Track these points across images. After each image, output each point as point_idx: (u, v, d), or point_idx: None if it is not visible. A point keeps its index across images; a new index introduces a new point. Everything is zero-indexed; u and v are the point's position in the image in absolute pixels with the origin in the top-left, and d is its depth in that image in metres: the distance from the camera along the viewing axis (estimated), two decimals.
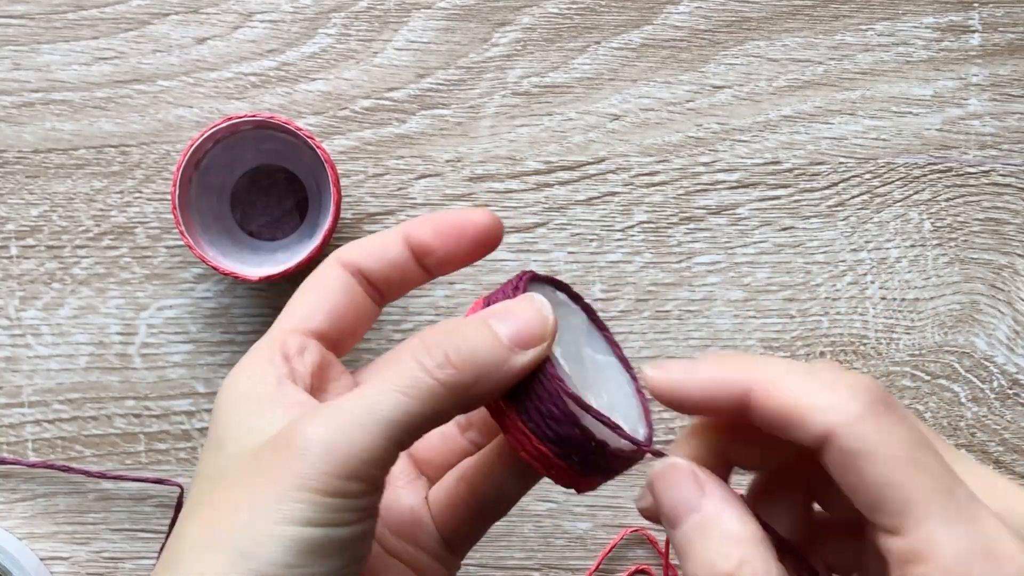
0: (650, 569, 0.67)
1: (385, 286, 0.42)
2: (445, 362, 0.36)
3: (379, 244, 0.42)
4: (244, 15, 0.67)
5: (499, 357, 0.36)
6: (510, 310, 0.37)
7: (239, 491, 0.35)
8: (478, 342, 0.36)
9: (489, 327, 0.37)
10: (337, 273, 0.42)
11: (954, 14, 0.68)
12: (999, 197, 0.68)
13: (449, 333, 0.37)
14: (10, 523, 0.67)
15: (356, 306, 0.42)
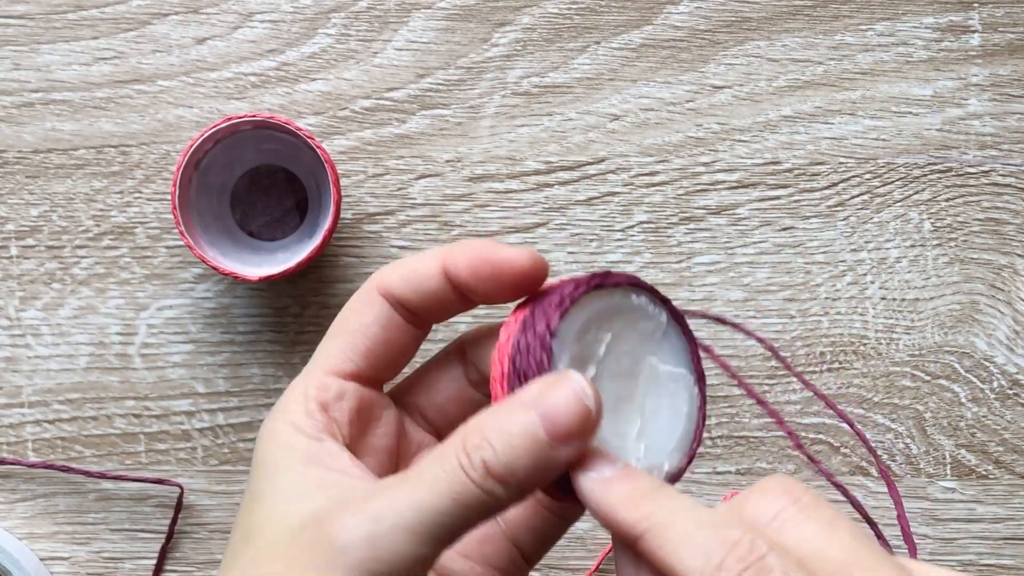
0: None
1: (427, 315, 0.41)
2: (486, 473, 0.35)
3: (419, 273, 0.40)
4: (244, 15, 0.67)
5: (540, 459, 0.35)
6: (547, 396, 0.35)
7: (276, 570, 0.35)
8: (519, 444, 0.35)
9: (529, 423, 0.35)
10: (375, 305, 0.40)
11: (954, 14, 0.68)
12: (999, 197, 0.68)
13: (488, 430, 0.35)
14: (10, 523, 0.67)
15: (396, 339, 0.41)
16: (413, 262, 0.40)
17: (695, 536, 0.33)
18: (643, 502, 0.35)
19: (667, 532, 0.34)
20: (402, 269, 0.40)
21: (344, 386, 0.40)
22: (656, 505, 0.35)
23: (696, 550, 0.33)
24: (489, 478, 0.35)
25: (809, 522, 0.34)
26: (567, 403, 0.35)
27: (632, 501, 0.35)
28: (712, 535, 0.33)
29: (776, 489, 0.35)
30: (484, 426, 0.35)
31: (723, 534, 0.33)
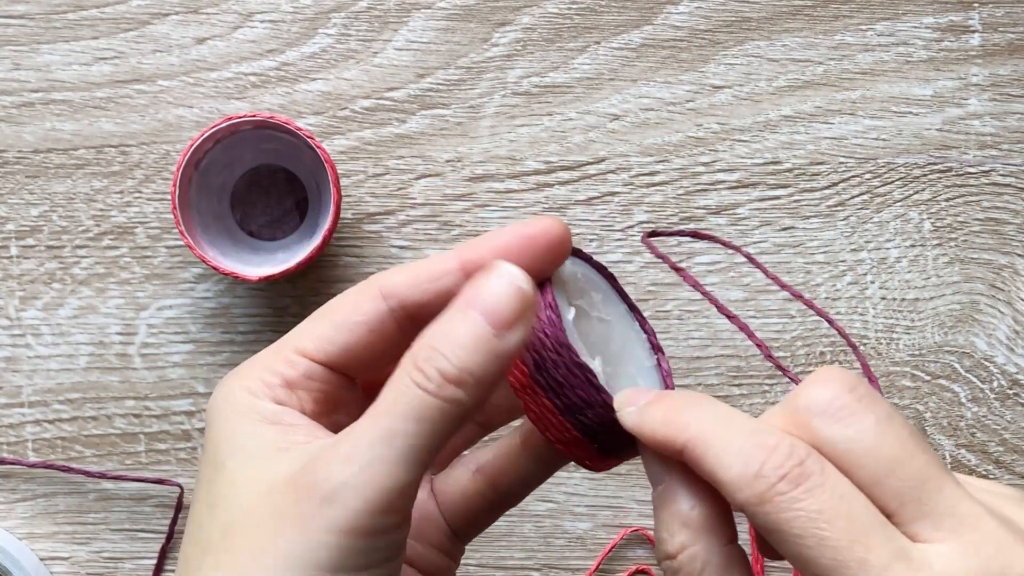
0: (650, 569, 0.67)
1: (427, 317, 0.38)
2: (442, 381, 0.34)
3: (430, 273, 0.39)
4: (244, 15, 0.67)
5: (491, 352, 0.34)
6: (481, 291, 0.35)
7: (263, 538, 0.34)
8: (466, 342, 0.34)
9: (471, 321, 0.35)
10: (371, 305, 0.39)
11: (954, 14, 0.68)
12: (999, 197, 0.68)
13: (435, 342, 0.35)
14: (10, 523, 0.67)
15: (380, 341, 0.39)
16: (423, 263, 0.39)
17: (733, 443, 0.34)
18: (680, 416, 0.35)
19: (706, 442, 0.34)
20: (410, 270, 0.39)
21: (313, 368, 0.38)
22: (693, 417, 0.35)
23: (735, 457, 0.33)
24: (447, 385, 0.34)
25: (866, 413, 0.34)
26: (501, 290, 0.35)
27: (670, 417, 0.35)
28: (750, 442, 0.34)
29: (833, 378, 0.35)
30: (429, 338, 0.35)
31: (761, 440, 0.33)
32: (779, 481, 0.33)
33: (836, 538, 0.32)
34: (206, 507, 0.36)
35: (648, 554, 0.68)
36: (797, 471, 0.33)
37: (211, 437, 0.37)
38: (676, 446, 0.35)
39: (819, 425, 0.34)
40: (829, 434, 0.34)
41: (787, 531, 0.32)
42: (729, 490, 0.33)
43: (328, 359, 0.38)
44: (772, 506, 0.33)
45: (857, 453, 0.34)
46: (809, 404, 0.34)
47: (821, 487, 0.33)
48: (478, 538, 0.44)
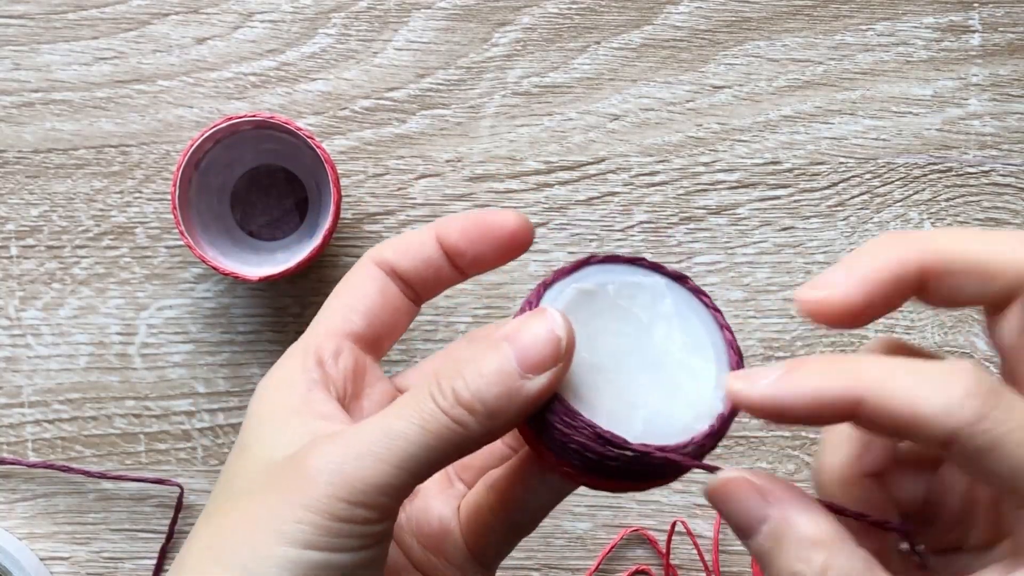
0: (650, 569, 0.67)
1: (421, 285, 0.42)
2: (455, 401, 0.35)
3: (412, 243, 0.41)
4: (244, 15, 0.67)
5: (510, 388, 0.35)
6: (521, 329, 0.35)
7: (249, 506, 0.35)
8: (489, 373, 0.35)
9: (500, 354, 0.35)
10: (371, 272, 0.42)
11: (954, 14, 0.68)
12: (999, 197, 0.68)
13: (461, 364, 0.35)
14: (10, 523, 0.67)
15: (392, 305, 0.42)
16: (407, 235, 0.42)
17: (928, 378, 0.32)
18: (848, 370, 0.32)
19: (895, 383, 0.32)
20: (396, 242, 0.41)
21: (341, 343, 0.41)
22: (865, 367, 0.33)
23: (936, 389, 0.31)
24: (457, 406, 0.35)
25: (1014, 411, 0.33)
26: (539, 334, 0.35)
27: (835, 373, 0.32)
28: (942, 371, 0.32)
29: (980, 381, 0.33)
30: (459, 359, 0.36)
31: (948, 368, 0.32)
32: (989, 397, 0.31)
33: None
34: (225, 481, 0.38)
35: (648, 554, 0.68)
36: (997, 387, 0.32)
37: (244, 426, 0.39)
38: (853, 397, 0.32)
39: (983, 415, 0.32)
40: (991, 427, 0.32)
41: (1009, 442, 0.31)
42: (935, 421, 0.31)
43: (355, 328, 0.41)
44: (990, 421, 0.31)
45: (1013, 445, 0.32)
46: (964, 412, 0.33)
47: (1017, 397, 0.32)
48: None
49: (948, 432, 0.31)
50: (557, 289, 0.38)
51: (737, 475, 0.34)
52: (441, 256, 0.41)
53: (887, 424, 0.32)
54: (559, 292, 0.38)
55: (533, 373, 0.35)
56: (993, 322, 0.35)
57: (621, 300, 0.38)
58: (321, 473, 0.34)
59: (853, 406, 0.32)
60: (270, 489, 0.35)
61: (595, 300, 0.38)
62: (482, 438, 0.35)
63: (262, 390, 0.40)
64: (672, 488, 0.67)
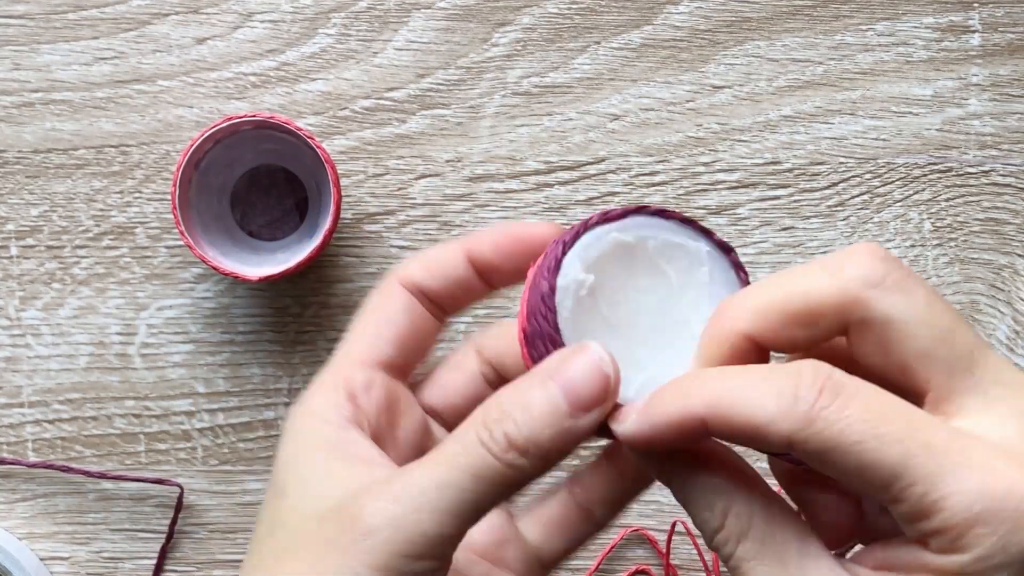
0: (650, 569, 0.67)
1: (449, 303, 0.41)
2: (508, 445, 0.34)
3: (439, 261, 0.41)
4: (244, 15, 0.67)
5: (561, 429, 0.35)
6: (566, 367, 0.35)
7: (306, 562, 0.35)
8: (540, 415, 0.34)
9: (549, 395, 0.35)
10: (398, 294, 0.41)
11: (954, 14, 0.68)
12: (999, 197, 0.68)
13: (508, 406, 0.35)
14: (10, 523, 0.67)
15: (420, 327, 0.41)
16: (433, 252, 0.41)
17: (757, 387, 0.32)
18: (689, 390, 0.33)
19: (728, 397, 0.33)
20: (423, 259, 0.41)
21: (372, 375, 0.40)
22: (703, 385, 0.33)
23: (764, 396, 0.32)
24: (511, 450, 0.34)
25: (916, 285, 0.33)
26: (586, 373, 0.35)
27: (677, 397, 0.33)
28: (772, 378, 0.32)
29: (878, 251, 0.34)
30: (503, 400, 0.35)
31: (782, 372, 0.32)
32: (819, 397, 0.32)
33: (895, 430, 0.31)
34: (267, 530, 0.37)
35: (648, 554, 0.68)
36: (831, 384, 0.32)
37: (278, 462, 0.39)
38: (696, 418, 0.33)
39: (874, 296, 0.33)
40: (885, 305, 0.33)
41: (844, 442, 0.31)
42: (771, 429, 0.32)
43: (385, 357, 0.40)
44: (822, 422, 0.31)
45: (912, 323, 0.33)
46: (862, 274, 0.33)
47: (861, 390, 0.32)
48: None
49: (784, 438, 0.32)
50: (597, 234, 0.37)
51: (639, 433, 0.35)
52: (470, 272, 0.40)
53: (733, 436, 0.33)
54: (597, 238, 0.37)
55: (583, 413, 0.35)
56: None
57: (659, 258, 0.38)
58: (379, 530, 0.34)
59: (699, 425, 0.33)
60: (324, 547, 0.35)
61: (631, 253, 0.37)
62: (534, 477, 0.35)
63: (294, 429, 0.39)
64: None
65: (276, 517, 0.37)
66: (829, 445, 0.31)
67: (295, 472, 0.38)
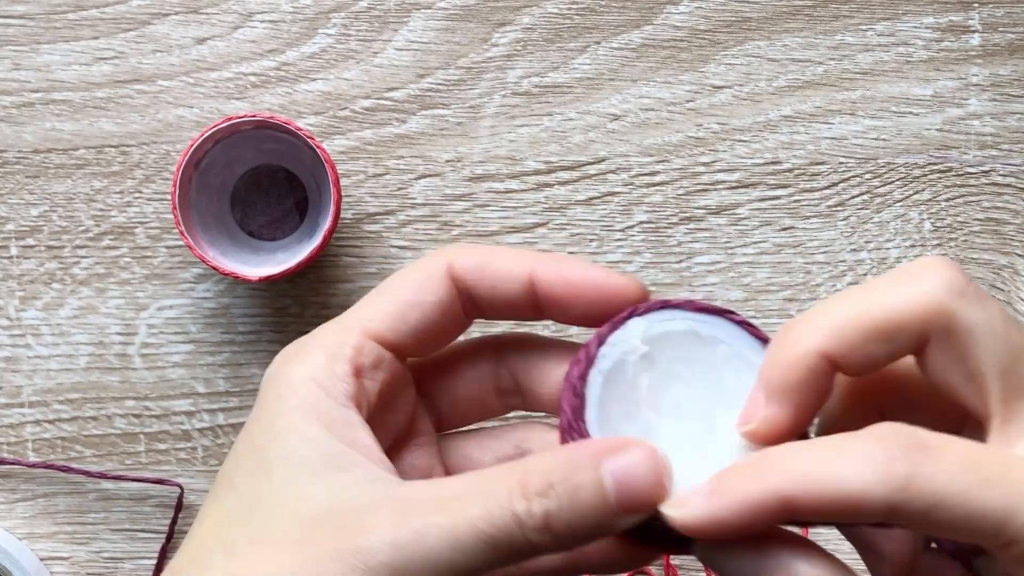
0: (650, 570, 0.67)
1: (488, 311, 0.38)
2: (543, 526, 0.32)
3: (499, 272, 0.37)
4: (244, 15, 0.67)
5: (603, 524, 0.32)
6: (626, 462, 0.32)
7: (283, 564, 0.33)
8: (585, 510, 0.32)
9: (603, 487, 0.32)
10: (441, 284, 0.37)
11: (954, 14, 0.68)
12: (999, 197, 0.68)
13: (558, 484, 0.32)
14: (10, 523, 0.67)
15: (449, 324, 0.38)
16: (496, 257, 0.37)
17: (845, 455, 0.31)
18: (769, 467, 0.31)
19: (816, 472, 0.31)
20: (481, 259, 0.37)
21: (384, 355, 0.37)
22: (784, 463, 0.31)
23: (854, 464, 0.30)
24: (546, 532, 0.32)
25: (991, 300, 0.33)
26: (643, 471, 0.33)
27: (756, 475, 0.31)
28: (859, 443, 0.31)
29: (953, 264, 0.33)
30: (551, 471, 0.32)
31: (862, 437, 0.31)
32: (912, 455, 0.30)
33: (1000, 474, 0.30)
34: (244, 506, 0.35)
35: None
36: (917, 441, 0.31)
37: (263, 428, 0.36)
38: (779, 498, 0.31)
39: (962, 306, 0.32)
40: (971, 315, 0.32)
41: (949, 495, 0.30)
42: (869, 497, 0.30)
43: (400, 341, 0.37)
44: (922, 480, 0.30)
45: (993, 337, 0.32)
46: (947, 284, 0.32)
47: (947, 442, 0.31)
48: None
49: (886, 506, 0.30)
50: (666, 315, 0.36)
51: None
52: (528, 296, 0.37)
53: (827, 516, 0.31)
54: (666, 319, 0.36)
55: (628, 514, 0.32)
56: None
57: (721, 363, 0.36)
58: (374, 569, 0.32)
59: (786, 508, 0.31)
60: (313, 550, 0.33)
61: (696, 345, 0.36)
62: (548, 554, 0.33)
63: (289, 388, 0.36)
64: None
65: (257, 496, 0.35)
66: (934, 500, 0.30)
67: (283, 441, 0.35)
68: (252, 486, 0.35)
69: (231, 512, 0.35)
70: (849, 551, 0.38)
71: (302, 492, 0.34)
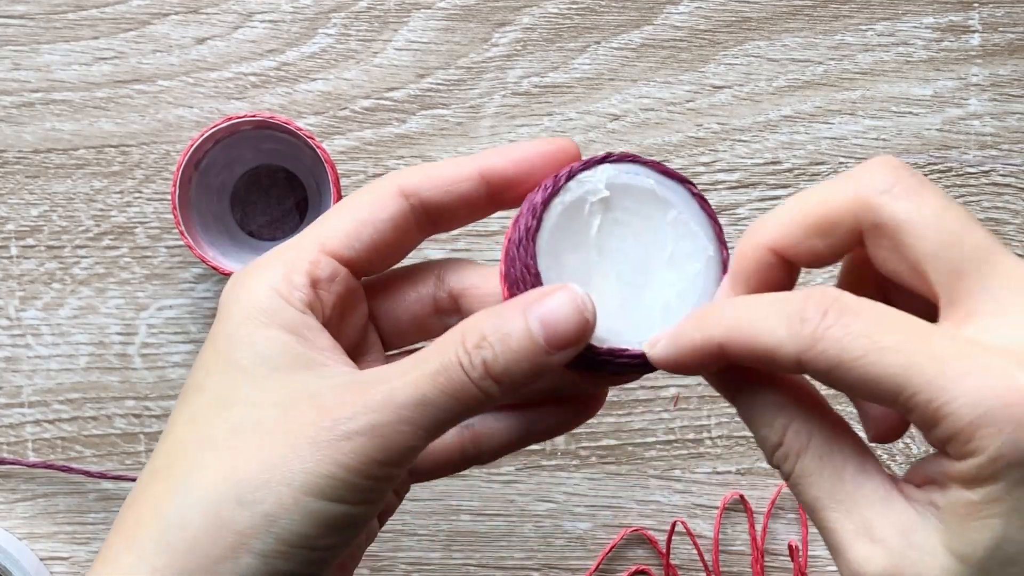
0: (650, 569, 0.67)
1: (444, 217, 0.41)
2: (484, 373, 0.36)
3: (448, 174, 0.40)
4: (244, 15, 0.67)
5: (536, 363, 0.36)
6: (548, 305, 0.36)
7: (270, 448, 0.35)
8: (518, 348, 0.36)
9: (529, 330, 0.36)
10: (392, 202, 0.40)
11: (954, 14, 0.68)
12: (999, 197, 0.68)
13: (488, 332, 0.36)
14: (10, 523, 0.67)
15: (402, 239, 0.40)
16: (441, 166, 0.40)
17: (768, 313, 0.34)
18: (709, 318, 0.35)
19: (741, 324, 0.34)
20: (430, 170, 0.40)
21: (339, 269, 0.39)
22: (721, 313, 0.35)
23: (774, 320, 0.33)
24: (487, 377, 0.36)
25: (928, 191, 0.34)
26: (568, 314, 0.36)
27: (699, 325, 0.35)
28: (785, 302, 0.34)
29: (893, 162, 0.35)
30: (485, 326, 0.36)
31: (791, 298, 0.34)
32: (823, 317, 0.33)
33: (898, 342, 0.32)
34: (217, 403, 0.37)
35: (648, 554, 0.68)
36: (836, 305, 0.33)
37: (227, 334, 0.38)
38: (715, 344, 0.35)
39: (884, 201, 0.34)
40: (894, 208, 0.34)
41: (848, 358, 0.32)
42: (780, 351, 0.33)
43: (355, 257, 0.39)
44: (826, 341, 0.32)
45: (921, 225, 0.34)
46: (873, 183, 0.35)
47: (866, 309, 0.33)
48: (478, 538, 0.44)
49: (792, 359, 0.33)
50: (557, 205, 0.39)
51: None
52: (480, 189, 0.40)
53: (748, 360, 0.34)
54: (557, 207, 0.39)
55: (558, 350, 0.36)
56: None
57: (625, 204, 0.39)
58: (359, 434, 0.35)
59: (718, 350, 0.35)
60: (297, 437, 0.35)
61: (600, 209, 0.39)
62: (501, 402, 0.37)
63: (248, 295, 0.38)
64: (672, 488, 0.67)
65: (233, 393, 0.37)
66: (835, 362, 0.32)
67: (249, 343, 0.37)
68: (222, 386, 0.37)
69: (204, 410, 0.37)
70: None
71: (271, 384, 0.37)
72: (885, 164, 0.35)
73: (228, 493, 0.35)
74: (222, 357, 0.37)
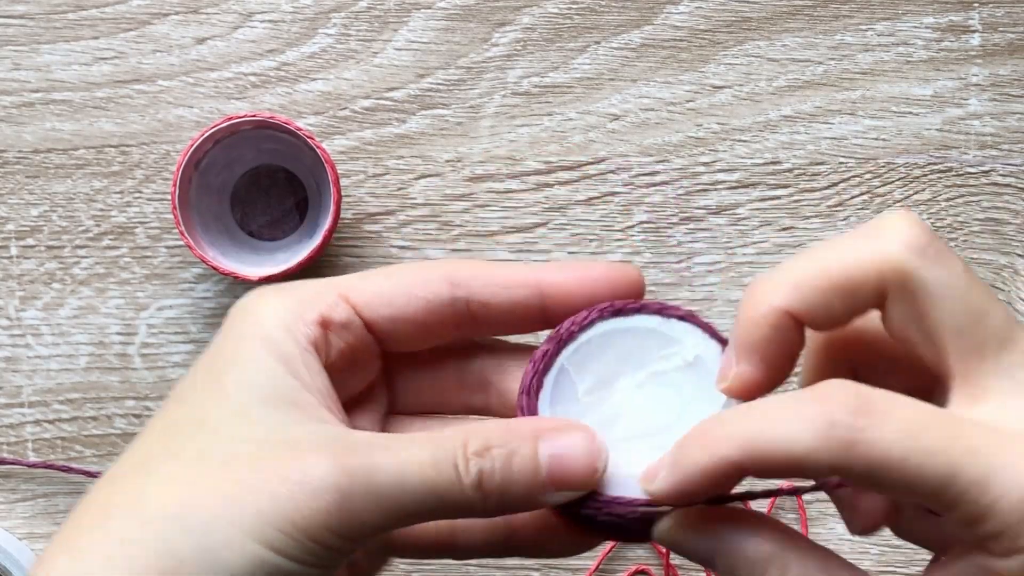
0: (650, 569, 0.67)
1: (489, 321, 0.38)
2: (476, 483, 0.33)
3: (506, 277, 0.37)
4: (244, 15, 0.67)
5: (531, 494, 0.34)
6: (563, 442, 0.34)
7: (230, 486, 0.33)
8: (519, 472, 0.34)
9: (536, 461, 0.34)
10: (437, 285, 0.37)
11: (954, 14, 0.68)
12: (999, 197, 0.68)
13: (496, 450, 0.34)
14: (10, 523, 0.67)
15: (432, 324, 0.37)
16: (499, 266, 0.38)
17: (790, 418, 0.31)
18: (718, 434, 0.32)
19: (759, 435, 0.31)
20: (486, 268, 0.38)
21: (355, 320, 0.37)
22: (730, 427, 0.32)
23: (798, 427, 0.31)
24: (479, 489, 0.33)
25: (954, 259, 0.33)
26: (580, 459, 0.34)
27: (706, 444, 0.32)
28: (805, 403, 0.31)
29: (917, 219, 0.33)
30: (492, 437, 0.34)
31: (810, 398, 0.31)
32: (855, 419, 0.30)
33: (937, 440, 0.30)
34: (194, 422, 0.35)
35: (648, 554, 0.68)
36: (863, 402, 0.31)
37: (224, 352, 0.36)
38: (731, 463, 0.32)
39: (917, 264, 0.32)
40: (926, 273, 0.32)
41: (889, 460, 0.30)
42: (811, 459, 0.31)
43: (376, 317, 0.37)
44: (862, 445, 0.30)
45: (949, 298, 0.32)
46: (905, 240, 0.33)
47: (895, 404, 0.31)
48: None
49: (826, 467, 0.31)
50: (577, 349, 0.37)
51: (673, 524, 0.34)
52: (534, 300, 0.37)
53: (776, 474, 0.32)
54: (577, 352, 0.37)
55: (558, 492, 0.34)
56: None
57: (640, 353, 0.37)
58: (324, 499, 0.33)
59: (734, 469, 0.32)
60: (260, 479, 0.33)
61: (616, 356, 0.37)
62: (480, 516, 0.34)
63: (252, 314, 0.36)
64: None
65: (207, 411, 0.35)
66: (876, 464, 0.31)
67: (241, 366, 0.35)
68: (203, 405, 0.35)
69: (179, 424, 0.36)
70: None
71: (253, 416, 0.34)
72: (910, 221, 0.33)
73: (177, 518, 0.33)
74: (212, 377, 0.36)
